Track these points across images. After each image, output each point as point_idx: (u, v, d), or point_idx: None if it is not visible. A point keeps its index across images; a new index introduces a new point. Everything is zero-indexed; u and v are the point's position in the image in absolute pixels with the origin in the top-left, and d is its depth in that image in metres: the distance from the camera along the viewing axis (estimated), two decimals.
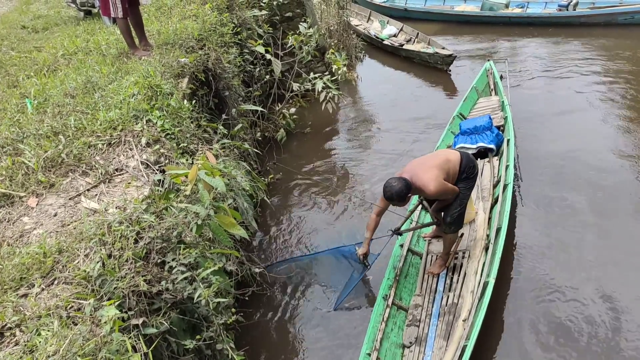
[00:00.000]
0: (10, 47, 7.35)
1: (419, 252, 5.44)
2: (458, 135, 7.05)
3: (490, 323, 4.51)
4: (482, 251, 5.03)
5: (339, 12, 11.60)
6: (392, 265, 5.18)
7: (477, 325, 4.03)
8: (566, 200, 6.16)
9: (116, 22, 7.06)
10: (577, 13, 12.60)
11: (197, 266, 3.18)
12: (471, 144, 6.75)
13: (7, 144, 4.07)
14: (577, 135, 7.60)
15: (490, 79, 8.56)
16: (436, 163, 4.53)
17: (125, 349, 2.38)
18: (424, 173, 4.41)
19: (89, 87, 4.96)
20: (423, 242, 5.58)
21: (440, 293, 4.86)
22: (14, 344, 2.45)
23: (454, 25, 13.89)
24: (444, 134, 7.25)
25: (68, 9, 9.08)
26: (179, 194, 3.55)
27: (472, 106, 8.07)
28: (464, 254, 5.17)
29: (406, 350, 4.45)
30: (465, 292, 4.69)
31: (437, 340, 4.40)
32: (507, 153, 6.36)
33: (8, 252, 3.07)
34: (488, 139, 6.72)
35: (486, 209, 5.65)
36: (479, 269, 4.79)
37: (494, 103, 7.91)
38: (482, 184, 6.16)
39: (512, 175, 5.83)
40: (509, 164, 6.05)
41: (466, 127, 6.94)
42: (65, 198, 3.56)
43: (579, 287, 4.95)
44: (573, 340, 4.47)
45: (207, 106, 5.76)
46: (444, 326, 4.49)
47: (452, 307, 4.64)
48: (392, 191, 4.33)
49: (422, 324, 4.62)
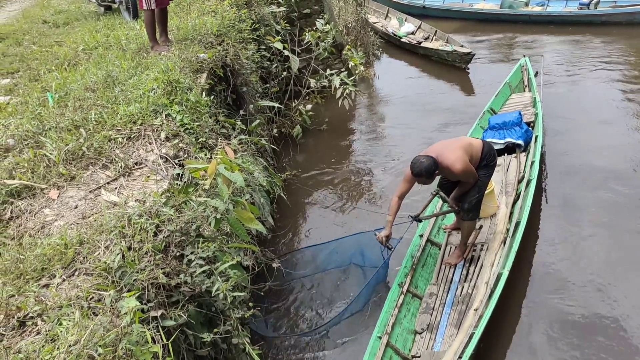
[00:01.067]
0: (32, 42, 7.46)
1: (438, 243, 5.51)
2: (487, 130, 7.03)
3: (502, 314, 4.57)
4: (500, 244, 5.06)
5: (357, 9, 11.58)
6: (410, 254, 5.27)
7: (487, 315, 4.12)
8: (592, 201, 6.07)
9: (137, 17, 7.15)
10: (599, 12, 12.43)
11: (215, 260, 3.19)
12: (499, 139, 6.73)
13: (29, 137, 4.13)
14: (606, 136, 7.46)
15: (524, 75, 8.47)
16: (461, 145, 4.64)
17: (145, 340, 2.40)
18: (450, 153, 4.50)
19: (109, 82, 5.01)
20: (443, 234, 5.64)
21: (456, 283, 4.93)
22: (36, 333, 2.48)
23: (473, 23, 13.79)
24: (472, 128, 7.24)
25: (88, 4, 9.18)
26: (198, 188, 3.57)
27: (504, 102, 8.02)
28: (482, 247, 5.18)
29: (417, 336, 4.55)
30: (480, 283, 4.74)
31: (448, 328, 4.48)
32: (534, 149, 6.36)
33: (30, 243, 3.11)
34: (516, 134, 6.68)
35: (508, 204, 5.65)
36: (496, 261, 4.83)
37: (527, 99, 7.83)
38: (507, 179, 6.15)
39: (536, 171, 5.83)
40: (534, 160, 6.06)
41: (495, 122, 6.90)
42: (86, 191, 3.60)
43: (594, 287, 4.90)
44: (584, 338, 4.43)
45: (225, 102, 5.79)
46: (456, 315, 4.57)
47: (465, 297, 4.71)
48: (422, 167, 4.39)
49: (435, 312, 4.70)
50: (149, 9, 5.64)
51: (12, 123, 4.39)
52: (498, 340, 4.52)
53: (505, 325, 4.64)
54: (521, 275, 5.11)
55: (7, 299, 2.65)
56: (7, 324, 2.53)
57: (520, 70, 8.58)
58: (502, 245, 5.05)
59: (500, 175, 6.23)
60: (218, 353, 3.27)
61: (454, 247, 5.33)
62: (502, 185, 6.04)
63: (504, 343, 4.52)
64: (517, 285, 4.98)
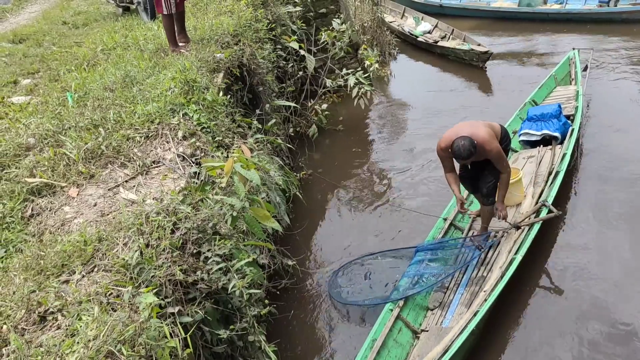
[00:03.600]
0: (52, 43, 7.57)
1: (462, 227, 5.63)
2: (525, 121, 6.97)
3: (514, 297, 4.77)
4: (520, 232, 5.09)
5: (373, 8, 11.57)
6: (432, 236, 5.43)
7: (494, 295, 4.31)
8: (623, 201, 5.92)
9: (155, 18, 7.22)
10: (619, 9, 12.21)
11: (232, 257, 3.21)
12: (536, 130, 6.68)
13: (49, 136, 4.19)
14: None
15: (572, 68, 8.38)
16: (484, 124, 4.71)
17: (163, 335, 2.43)
18: (480, 131, 4.56)
19: (127, 82, 5.07)
20: (467, 219, 5.70)
21: (473, 266, 5.04)
22: (56, 328, 2.52)
23: (490, 21, 13.67)
24: (511, 119, 7.22)
25: (107, 6, 9.30)
26: (215, 187, 3.60)
27: (547, 94, 7.97)
28: (504, 234, 5.21)
29: (429, 312, 4.75)
30: (495, 267, 4.84)
31: (459, 307, 4.67)
32: (567, 142, 6.33)
33: (50, 239, 3.16)
34: (554, 127, 6.61)
35: (535, 194, 5.65)
36: (514, 247, 4.90)
37: (570, 92, 7.74)
38: (538, 171, 6.13)
39: (565, 164, 5.82)
40: (566, 153, 6.04)
41: (533, 114, 6.84)
42: (105, 189, 3.65)
43: (611, 287, 4.83)
44: (591, 340, 4.37)
45: (242, 101, 5.82)
46: (468, 295, 4.74)
47: (480, 279, 4.87)
48: (465, 148, 4.42)
49: (449, 292, 4.90)
50: (168, 14, 5.65)
51: (32, 122, 4.46)
52: (507, 318, 4.65)
53: (514, 308, 4.75)
54: (539, 263, 5.17)
55: (28, 294, 2.69)
56: (28, 318, 2.58)
57: (568, 63, 8.48)
58: (521, 233, 5.09)
59: (532, 166, 6.24)
60: (234, 350, 3.30)
61: (476, 232, 5.46)
62: (533, 176, 6.03)
63: (511, 321, 4.65)
64: (532, 273, 5.05)
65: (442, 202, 6.02)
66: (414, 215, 6.11)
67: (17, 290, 2.74)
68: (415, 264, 5.07)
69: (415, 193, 6.72)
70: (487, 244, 5.12)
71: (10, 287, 2.80)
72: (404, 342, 4.40)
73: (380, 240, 5.83)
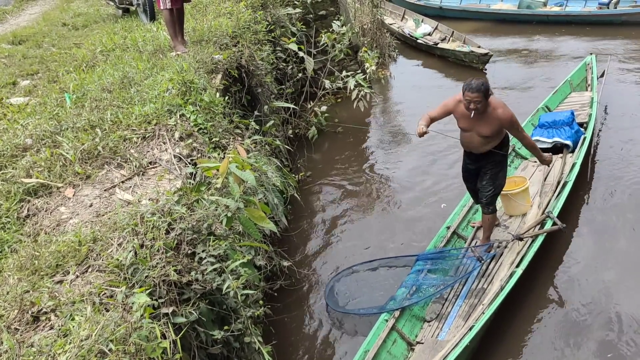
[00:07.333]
0: (52, 44, 7.59)
1: (465, 237, 5.52)
2: (536, 128, 6.83)
3: (514, 313, 4.65)
4: (523, 244, 4.99)
5: (373, 10, 11.55)
6: (434, 244, 5.32)
7: (491, 309, 4.20)
8: (634, 215, 5.75)
9: (154, 19, 7.23)
10: (619, 11, 12.23)
11: (227, 258, 3.21)
12: (547, 137, 6.52)
13: (46, 137, 4.19)
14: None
15: (588, 73, 8.14)
16: None
17: (155, 335, 2.43)
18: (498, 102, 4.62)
19: (125, 83, 5.07)
20: (471, 229, 5.64)
21: (473, 277, 4.94)
22: (49, 328, 2.52)
23: (490, 23, 13.68)
24: (523, 125, 7.06)
25: (107, 7, 9.31)
26: (210, 187, 3.59)
27: (561, 100, 7.75)
28: (507, 245, 5.09)
29: (425, 324, 4.64)
30: (496, 279, 4.76)
31: (456, 320, 4.56)
32: (578, 152, 6.18)
33: (45, 240, 3.16)
34: (565, 134, 6.46)
35: (542, 204, 5.53)
36: (516, 260, 4.80)
37: (585, 99, 7.50)
38: (547, 180, 6.01)
39: (575, 174, 5.70)
40: (575, 162, 5.91)
41: (545, 120, 6.72)
42: (101, 189, 3.65)
43: (616, 306, 4.67)
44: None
45: (240, 102, 5.82)
46: (467, 308, 4.65)
47: (479, 291, 4.76)
48: (479, 81, 4.49)
49: (447, 303, 4.79)
50: (165, 8, 5.68)
51: (30, 123, 4.47)
52: (507, 333, 4.56)
53: (515, 324, 4.64)
54: (542, 277, 5.06)
55: (22, 294, 2.69)
56: (21, 318, 2.58)
57: (585, 69, 8.25)
58: (524, 245, 5.00)
59: (541, 174, 6.12)
60: (230, 351, 3.29)
61: (478, 242, 5.38)
62: (541, 185, 5.90)
63: (511, 337, 4.55)
64: (534, 286, 4.94)
65: (442, 201, 6.01)
66: (414, 221, 6.12)
67: (11, 290, 2.73)
68: (414, 273, 4.97)
69: (415, 194, 6.70)
70: (489, 255, 4.98)
71: (4, 287, 2.79)
72: (398, 354, 4.30)
73: (379, 244, 5.82)
